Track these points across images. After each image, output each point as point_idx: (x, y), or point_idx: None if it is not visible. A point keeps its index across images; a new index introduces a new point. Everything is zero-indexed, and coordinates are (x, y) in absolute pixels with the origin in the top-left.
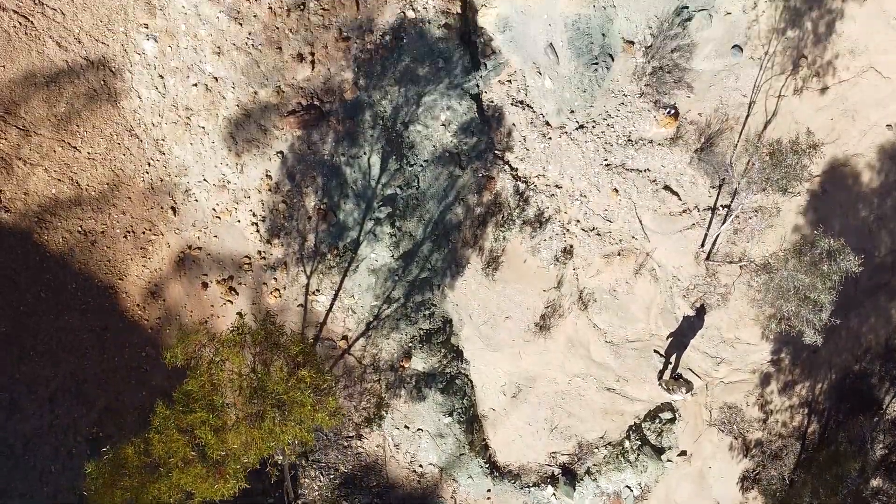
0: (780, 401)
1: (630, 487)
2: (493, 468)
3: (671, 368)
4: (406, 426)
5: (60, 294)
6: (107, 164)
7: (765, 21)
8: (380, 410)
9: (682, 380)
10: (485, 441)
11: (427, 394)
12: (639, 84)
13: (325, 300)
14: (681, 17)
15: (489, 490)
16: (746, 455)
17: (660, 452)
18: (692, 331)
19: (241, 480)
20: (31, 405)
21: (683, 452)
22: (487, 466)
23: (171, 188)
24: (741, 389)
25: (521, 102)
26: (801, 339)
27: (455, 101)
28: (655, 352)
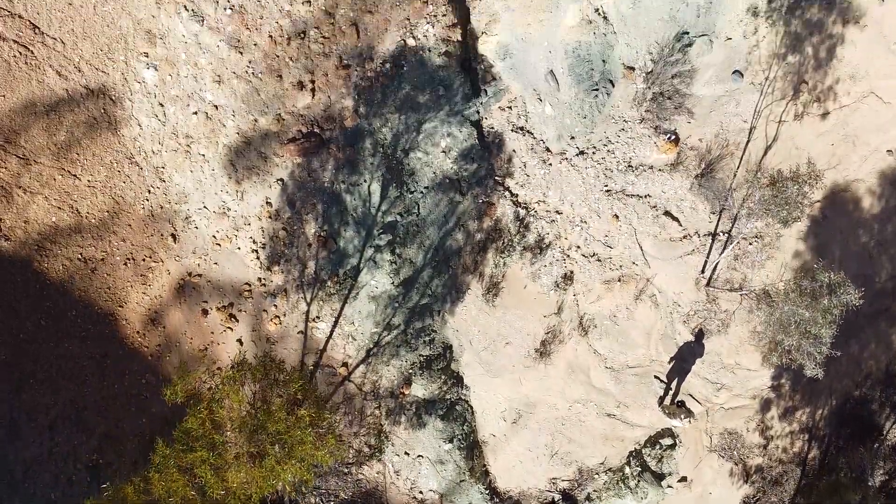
0: (781, 426)
1: None
2: (494, 494)
3: (672, 394)
4: (406, 453)
5: (60, 321)
6: (107, 192)
7: (765, 46)
8: (380, 439)
9: (684, 408)
10: (485, 467)
11: (427, 420)
12: (639, 110)
13: (326, 327)
14: (681, 43)
15: None
16: (747, 481)
17: (660, 478)
18: (693, 356)
19: None
20: (32, 432)
21: (684, 478)
22: (488, 493)
23: (172, 215)
24: (741, 415)
25: (522, 129)
26: (802, 372)
27: (455, 128)
28: (656, 377)
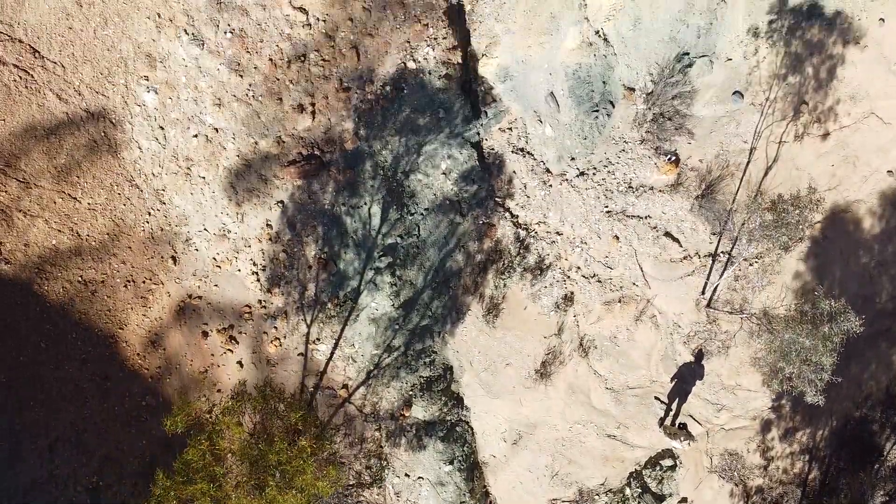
0: (781, 447)
1: None
2: None
3: (672, 415)
4: (406, 474)
5: (61, 343)
6: (107, 215)
7: (766, 67)
8: (381, 467)
9: (685, 430)
10: (485, 488)
11: (427, 442)
12: (640, 131)
13: (326, 349)
14: (682, 64)
15: None
16: (747, 502)
17: (660, 499)
18: (693, 377)
19: None
20: (32, 454)
21: (684, 499)
22: None
23: (172, 238)
24: (742, 436)
25: (522, 150)
26: (803, 399)
27: (456, 150)
28: (656, 398)
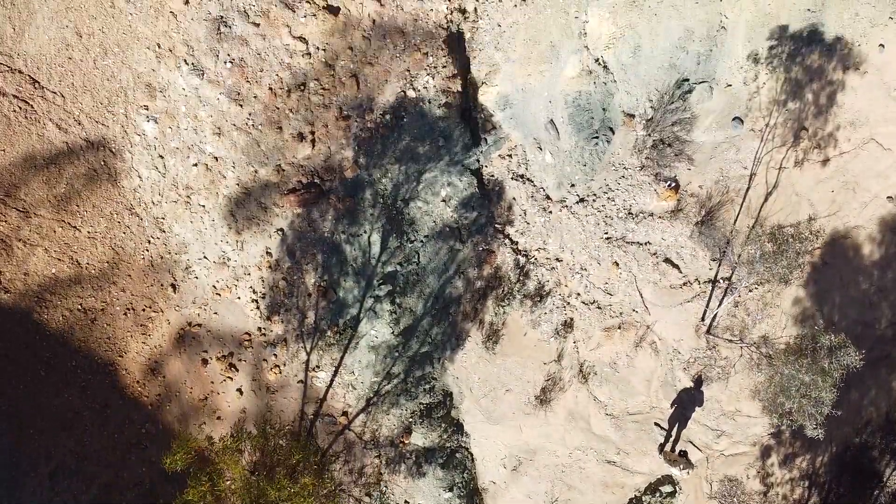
0: (781, 473)
1: None
2: None
3: (672, 441)
4: (406, 501)
5: (60, 371)
6: (107, 243)
7: (766, 93)
8: (381, 491)
9: (685, 458)
10: None
11: (427, 469)
12: (639, 157)
13: (326, 376)
14: (681, 90)
15: None
16: None
17: None
18: (693, 403)
19: None
20: (32, 482)
21: None
22: None
23: (171, 265)
24: (742, 462)
25: (522, 177)
26: (803, 433)
27: (455, 177)
28: (656, 424)
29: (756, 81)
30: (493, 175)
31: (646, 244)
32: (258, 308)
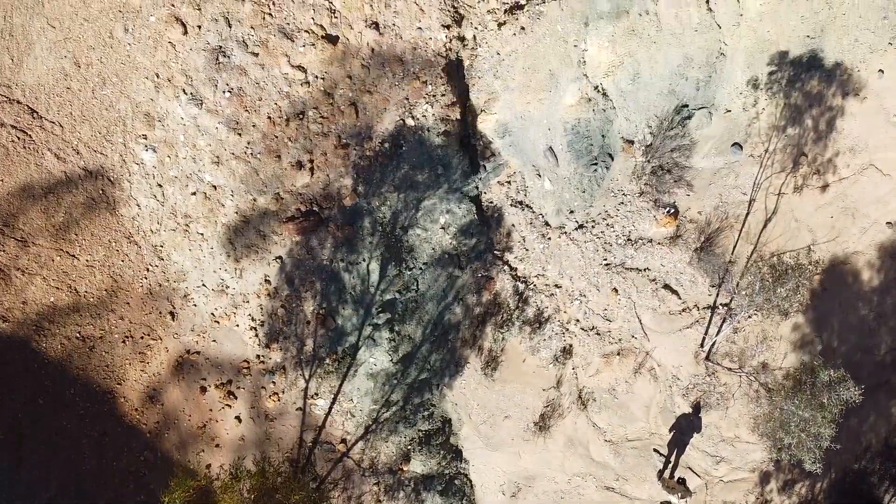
0: (780, 500)
1: None
2: None
3: (671, 467)
4: None
5: (59, 400)
6: (105, 271)
7: (765, 118)
8: None
9: (683, 486)
10: None
11: (426, 496)
12: (638, 183)
13: (324, 404)
14: (681, 116)
15: None
16: None
17: None
18: (692, 429)
19: None
20: None
21: None
22: None
23: (170, 293)
24: (741, 488)
25: (521, 203)
26: (802, 467)
27: (454, 205)
28: (655, 450)
29: (756, 107)
30: (492, 202)
31: (645, 270)
32: (257, 335)
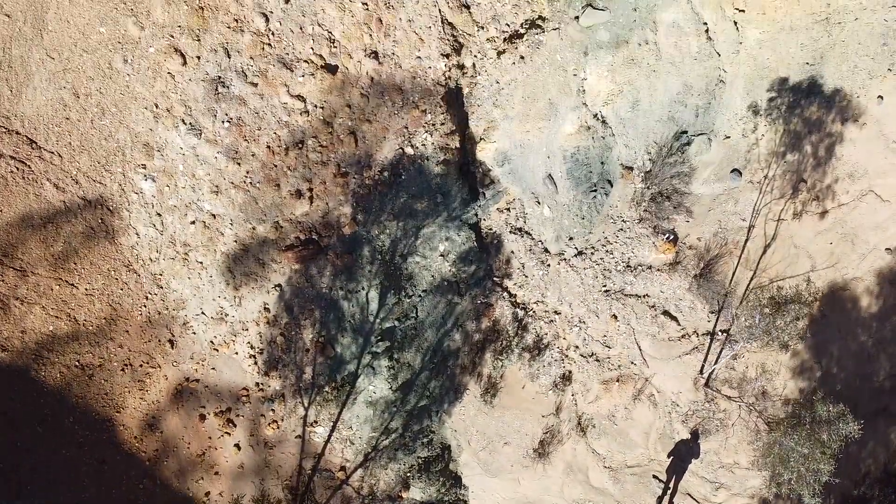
0: None
1: None
2: None
3: (670, 494)
4: None
5: (57, 428)
6: (104, 299)
7: (764, 145)
8: None
9: None
10: None
11: None
12: (638, 210)
13: (324, 431)
14: (680, 142)
15: None
16: None
17: None
18: (691, 456)
19: None
20: None
21: None
22: None
23: (169, 321)
24: None
25: (520, 230)
26: (801, 501)
27: (454, 232)
28: (654, 477)
29: (755, 133)
30: (492, 228)
31: (644, 297)
32: (256, 363)
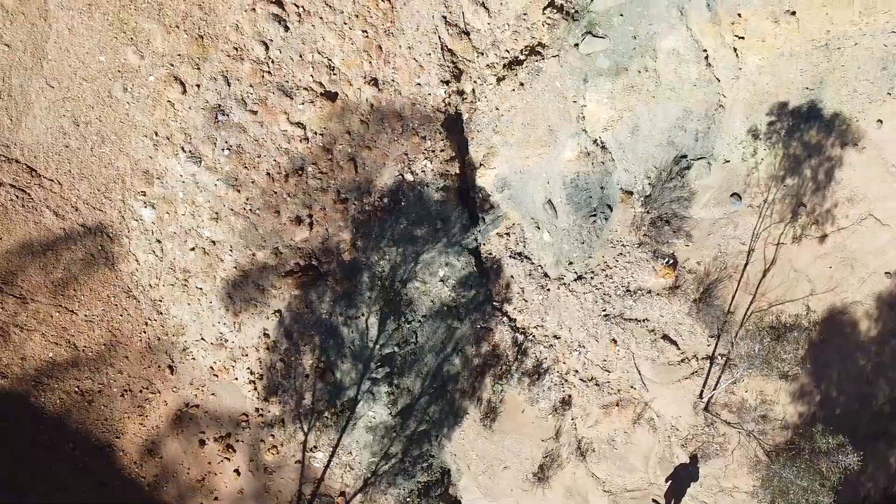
0: None
1: None
2: None
3: None
4: None
5: (57, 454)
6: (104, 326)
7: (764, 169)
8: None
9: None
10: None
11: None
12: (637, 234)
13: (323, 457)
14: (679, 167)
15: None
16: None
17: None
18: (690, 479)
19: None
20: None
21: None
22: None
23: (169, 347)
24: None
25: (520, 255)
26: None
27: (453, 257)
28: (654, 501)
29: (755, 157)
30: (491, 253)
31: (644, 321)
32: (256, 389)
